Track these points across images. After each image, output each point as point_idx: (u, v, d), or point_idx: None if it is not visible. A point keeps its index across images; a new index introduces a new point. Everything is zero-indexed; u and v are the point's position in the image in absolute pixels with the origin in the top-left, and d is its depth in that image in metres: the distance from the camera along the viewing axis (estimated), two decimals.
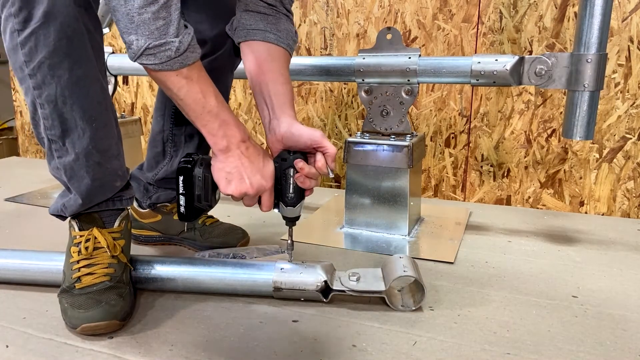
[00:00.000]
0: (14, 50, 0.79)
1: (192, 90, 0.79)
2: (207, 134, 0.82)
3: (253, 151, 0.84)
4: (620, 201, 1.47)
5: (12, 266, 0.96)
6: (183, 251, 1.17)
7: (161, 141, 1.14)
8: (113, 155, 0.87)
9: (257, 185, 0.83)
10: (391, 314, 0.88)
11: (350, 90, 1.71)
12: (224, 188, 0.84)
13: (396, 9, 1.59)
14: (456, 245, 1.20)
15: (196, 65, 0.78)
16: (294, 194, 0.87)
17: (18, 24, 0.76)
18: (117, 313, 0.81)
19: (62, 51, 0.77)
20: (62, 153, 0.84)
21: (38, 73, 0.79)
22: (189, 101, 0.80)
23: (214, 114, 0.81)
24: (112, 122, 0.87)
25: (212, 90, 0.81)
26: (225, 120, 0.82)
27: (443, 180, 1.66)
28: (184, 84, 0.78)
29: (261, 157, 0.85)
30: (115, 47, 2.03)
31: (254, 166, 0.83)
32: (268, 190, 0.85)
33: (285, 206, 0.89)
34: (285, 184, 0.87)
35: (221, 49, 1.05)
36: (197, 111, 0.80)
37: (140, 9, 0.71)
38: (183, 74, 0.77)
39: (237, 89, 1.88)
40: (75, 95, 0.80)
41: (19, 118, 2.34)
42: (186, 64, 0.76)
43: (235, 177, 0.83)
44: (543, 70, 1.10)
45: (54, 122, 0.82)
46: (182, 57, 0.75)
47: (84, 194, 0.86)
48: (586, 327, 0.84)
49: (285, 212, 0.90)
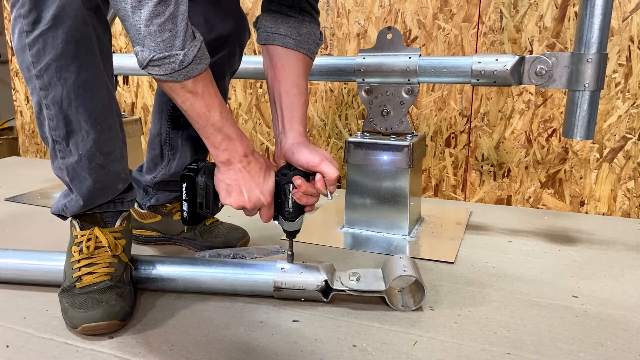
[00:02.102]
0: (22, 50, 0.79)
1: (197, 104, 0.79)
2: (210, 146, 0.83)
3: (255, 166, 0.84)
4: (620, 201, 1.47)
5: (13, 266, 0.96)
6: (183, 251, 1.17)
7: (159, 144, 1.14)
8: (116, 158, 0.87)
9: (255, 200, 0.84)
10: (391, 313, 0.88)
11: (351, 90, 1.71)
12: (222, 199, 0.85)
13: (396, 8, 1.59)
14: (456, 245, 1.20)
15: (202, 77, 0.77)
16: (293, 209, 0.87)
17: (27, 25, 0.76)
18: (118, 313, 0.81)
19: (69, 54, 0.77)
20: (66, 154, 0.85)
21: (45, 75, 0.79)
22: (193, 114, 0.80)
23: (217, 128, 0.81)
24: (117, 125, 0.87)
25: (218, 104, 0.80)
26: (229, 135, 0.82)
27: (443, 180, 1.66)
28: (188, 97, 0.78)
29: (262, 171, 0.85)
30: (115, 47, 2.03)
31: (253, 181, 0.84)
32: (266, 205, 0.86)
33: (284, 220, 0.89)
34: (285, 198, 0.87)
35: (219, 53, 1.05)
36: (200, 124, 0.81)
37: (147, 21, 0.70)
38: (188, 87, 0.77)
39: (237, 89, 1.88)
40: (80, 98, 0.80)
41: (19, 118, 2.34)
42: (191, 76, 0.75)
43: (234, 190, 0.84)
44: (543, 70, 1.10)
45: (58, 123, 0.82)
46: (186, 70, 0.75)
47: (86, 196, 0.86)
48: (586, 327, 0.84)
49: (284, 225, 0.90)
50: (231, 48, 1.07)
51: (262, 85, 1.84)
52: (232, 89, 1.88)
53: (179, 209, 1.18)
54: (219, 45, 1.04)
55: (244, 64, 1.38)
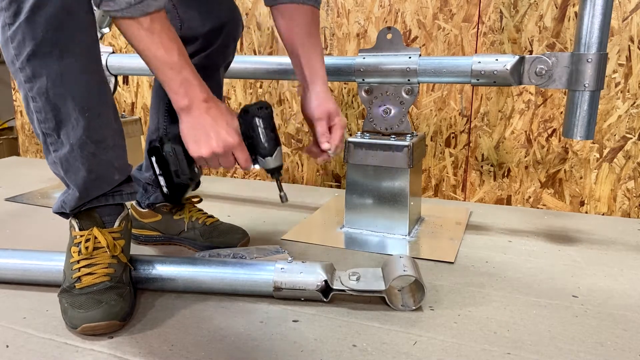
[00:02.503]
0: (5, 44, 0.78)
1: (154, 44, 0.77)
2: (169, 91, 0.82)
3: (215, 110, 0.84)
4: (620, 201, 1.47)
5: (13, 266, 0.96)
6: (183, 251, 1.17)
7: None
8: (108, 146, 0.86)
9: (223, 141, 0.83)
10: (391, 313, 0.88)
11: (351, 90, 1.71)
12: (193, 150, 0.84)
13: (396, 8, 1.59)
14: (456, 245, 1.20)
15: (160, 15, 0.76)
16: (267, 143, 0.86)
17: (8, 18, 0.76)
18: (118, 313, 0.81)
19: (49, 42, 0.76)
20: (58, 146, 0.84)
21: (27, 66, 0.78)
22: (151, 55, 0.78)
23: (177, 71, 0.80)
24: (108, 112, 0.86)
25: (177, 47, 0.79)
26: (187, 79, 0.81)
27: (443, 180, 1.66)
28: (144, 36, 0.76)
29: (224, 115, 0.85)
30: (115, 47, 2.03)
31: (217, 123, 0.83)
32: (237, 145, 0.85)
33: (262, 158, 0.87)
34: (255, 135, 0.86)
35: (212, 46, 1.05)
36: (157, 66, 0.79)
37: None
38: (144, 25, 0.75)
39: (237, 89, 1.88)
40: (65, 86, 0.79)
41: (19, 118, 2.34)
42: (147, 11, 0.74)
43: (201, 136, 0.83)
44: (543, 70, 1.10)
45: (47, 115, 0.81)
46: (142, 5, 0.73)
47: (81, 187, 0.86)
48: (586, 327, 0.84)
49: (264, 164, 0.88)
50: (224, 40, 1.07)
51: (262, 85, 1.84)
52: (232, 89, 1.88)
53: (179, 209, 1.18)
54: (213, 37, 1.05)
55: (244, 64, 1.39)
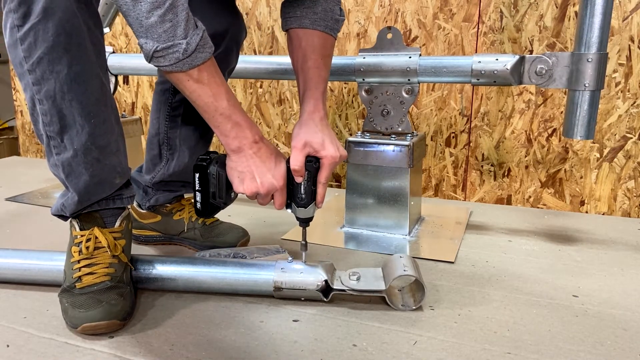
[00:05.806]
0: (14, 45, 0.79)
1: (204, 94, 0.80)
2: (220, 135, 0.84)
3: (265, 152, 0.86)
4: (620, 200, 1.47)
5: (13, 266, 0.96)
6: (183, 251, 1.17)
7: (157, 144, 1.14)
8: (112, 151, 0.87)
9: (268, 185, 0.85)
10: (391, 313, 0.88)
11: (351, 89, 1.71)
12: (236, 186, 0.87)
13: (397, 8, 1.59)
14: (457, 245, 1.20)
15: (207, 65, 0.79)
16: (305, 195, 0.88)
17: (17, 20, 0.76)
18: (118, 313, 0.81)
19: (60, 47, 0.77)
20: (61, 150, 0.84)
21: (37, 69, 0.78)
22: (201, 104, 0.81)
23: (226, 116, 0.82)
24: (111, 118, 0.87)
25: (224, 92, 0.82)
26: (238, 122, 0.83)
27: (443, 180, 1.66)
28: (195, 88, 0.79)
29: (273, 157, 0.87)
30: (115, 47, 2.03)
31: (265, 166, 0.85)
32: (279, 189, 0.87)
33: (297, 207, 0.90)
34: (296, 184, 0.88)
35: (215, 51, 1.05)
36: (209, 113, 0.82)
37: (148, 13, 0.72)
38: (194, 76, 0.78)
39: (237, 89, 1.88)
40: (73, 91, 0.80)
41: (20, 117, 2.34)
42: (195, 64, 0.77)
43: (247, 177, 0.85)
44: (544, 70, 1.10)
45: (52, 118, 0.82)
46: (190, 59, 0.76)
47: (82, 191, 0.86)
48: (586, 326, 0.84)
49: (297, 212, 0.91)
50: (227, 45, 1.07)
51: (262, 85, 1.84)
52: (232, 88, 1.88)
53: (179, 209, 1.18)
54: (215, 43, 1.04)
55: (244, 64, 1.39)
